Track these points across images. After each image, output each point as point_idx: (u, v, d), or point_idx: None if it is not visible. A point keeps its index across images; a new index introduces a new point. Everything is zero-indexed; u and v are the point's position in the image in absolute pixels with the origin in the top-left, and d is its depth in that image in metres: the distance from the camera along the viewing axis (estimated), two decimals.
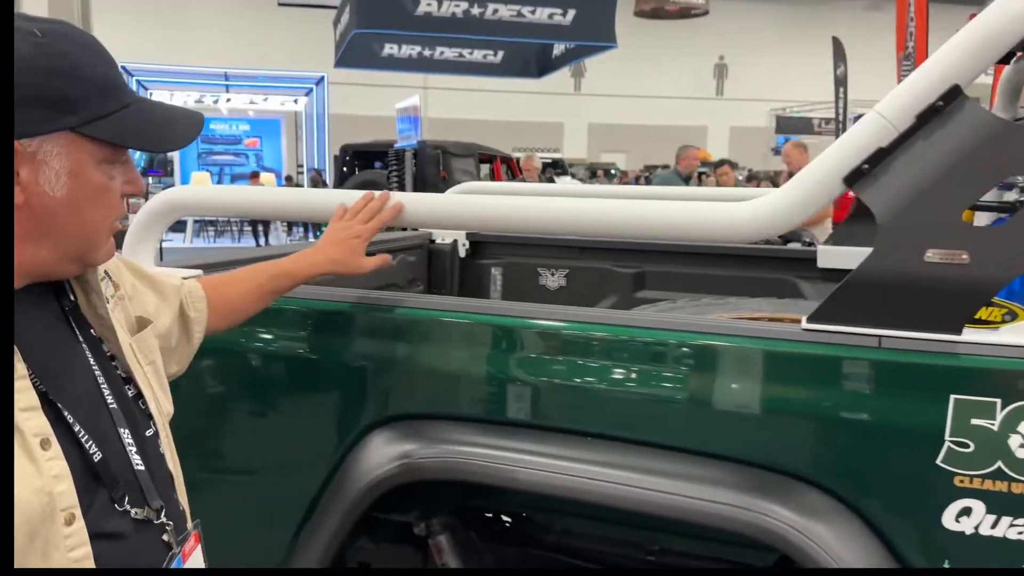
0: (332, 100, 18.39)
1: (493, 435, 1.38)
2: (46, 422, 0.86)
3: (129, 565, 0.91)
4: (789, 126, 22.53)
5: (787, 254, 2.57)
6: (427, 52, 12.90)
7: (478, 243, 2.96)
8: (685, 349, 1.29)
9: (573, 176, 18.45)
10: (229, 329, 1.39)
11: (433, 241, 2.95)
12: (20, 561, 0.82)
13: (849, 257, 2.33)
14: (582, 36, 10.59)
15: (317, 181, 16.10)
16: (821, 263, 2.42)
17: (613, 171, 20.77)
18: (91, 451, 0.89)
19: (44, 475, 0.84)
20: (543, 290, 2.83)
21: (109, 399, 0.96)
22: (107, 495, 0.90)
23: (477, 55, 13.01)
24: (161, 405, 1.08)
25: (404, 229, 2.98)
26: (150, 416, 1.02)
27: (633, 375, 1.31)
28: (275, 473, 1.57)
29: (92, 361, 0.97)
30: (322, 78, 17.27)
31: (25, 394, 0.86)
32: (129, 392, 1.01)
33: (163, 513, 0.97)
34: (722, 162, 8.93)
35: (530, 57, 13.14)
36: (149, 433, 1.01)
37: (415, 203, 1.53)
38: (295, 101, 18.59)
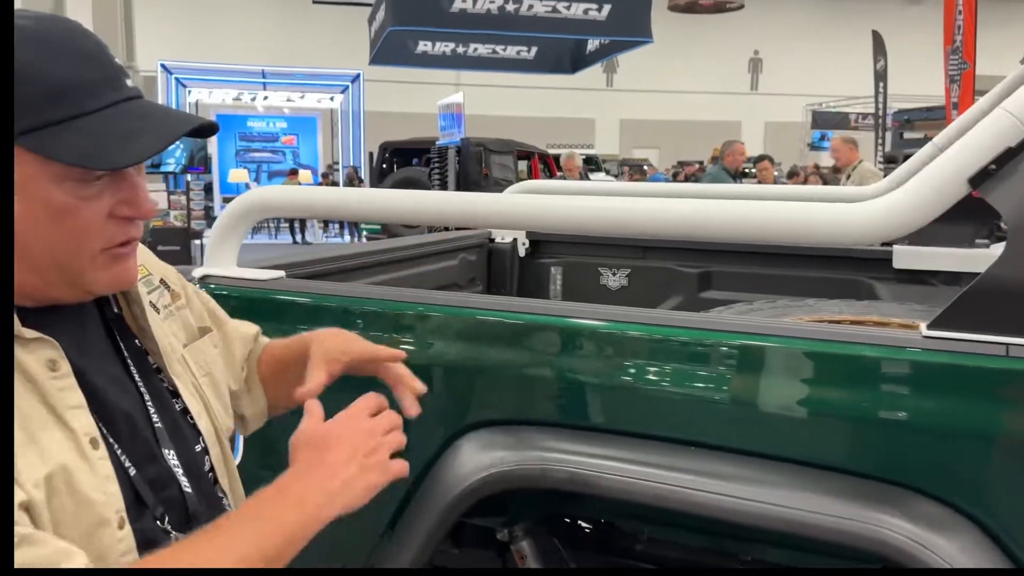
0: (366, 97, 18.48)
1: (587, 442, 1.35)
2: (93, 422, 0.83)
3: None
4: (825, 121, 22.23)
5: (860, 254, 2.50)
6: (460, 49, 12.90)
7: (537, 242, 2.93)
8: (796, 355, 1.25)
9: (607, 172, 18.35)
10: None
11: (492, 240, 2.93)
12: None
13: (928, 258, 2.26)
14: (617, 31, 10.51)
15: (352, 178, 16.18)
16: (897, 264, 2.35)
17: (645, 167, 20.62)
18: (126, 465, 0.85)
19: (98, 474, 0.81)
20: (604, 290, 2.79)
21: (155, 418, 0.91)
22: (150, 512, 0.86)
23: (511, 51, 12.98)
24: (217, 419, 1.02)
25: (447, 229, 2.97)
26: (199, 432, 0.97)
27: (736, 382, 1.27)
28: None
29: (137, 375, 0.92)
30: (358, 75, 17.34)
31: (72, 392, 0.82)
32: (176, 406, 0.96)
33: None
34: (761, 157, 8.79)
35: (564, 53, 13.08)
36: (198, 448, 0.96)
37: (518, 205, 1.50)
38: (331, 99, 18.69)
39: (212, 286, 1.59)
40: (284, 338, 1.25)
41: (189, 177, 11.38)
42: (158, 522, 0.86)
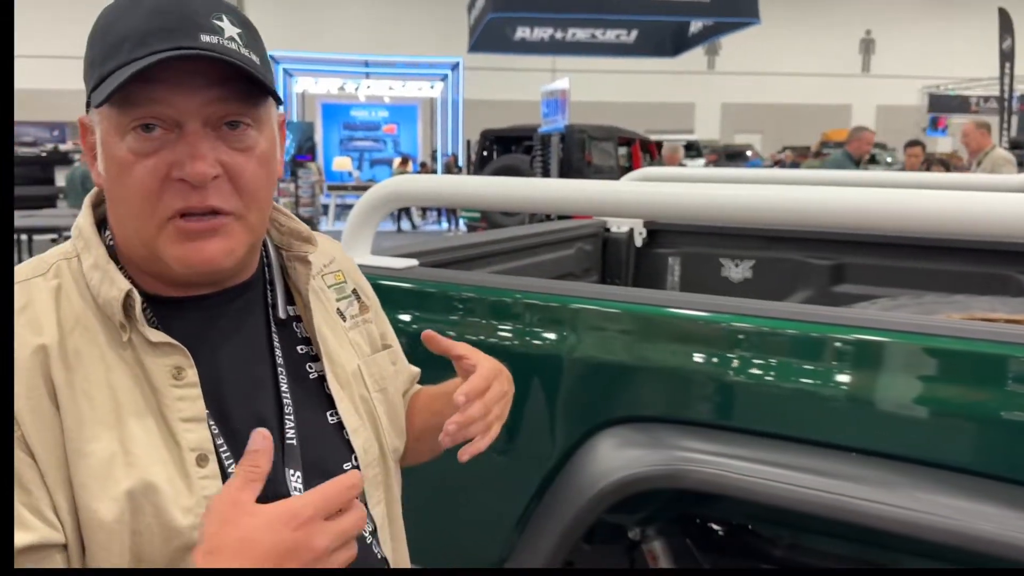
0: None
1: (727, 443, 1.30)
2: (208, 436, 0.79)
3: None
4: (943, 104, 21.04)
5: (1009, 247, 2.33)
6: (559, 34, 12.82)
7: (655, 231, 2.86)
8: (967, 357, 1.16)
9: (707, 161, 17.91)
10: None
11: (608, 230, 2.88)
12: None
13: None
14: (724, 12, 10.22)
15: (451, 167, 16.34)
16: None
17: (748, 152, 20.03)
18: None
19: (195, 494, 0.76)
20: (725, 282, 2.70)
21: (289, 433, 0.84)
22: None
23: (610, 35, 12.81)
24: (385, 437, 0.95)
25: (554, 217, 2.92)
26: (351, 449, 0.89)
27: (903, 386, 1.19)
28: (491, 471, 1.54)
29: (285, 384, 0.86)
30: (457, 63, 17.48)
31: (191, 403, 0.79)
32: (331, 418, 0.89)
33: None
34: (914, 143, 8.32)
35: (665, 35, 12.82)
36: (346, 467, 0.88)
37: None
38: (431, 87, 18.92)
39: None
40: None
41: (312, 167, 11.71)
42: None
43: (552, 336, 1.47)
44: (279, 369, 0.86)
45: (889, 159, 16.82)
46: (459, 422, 0.87)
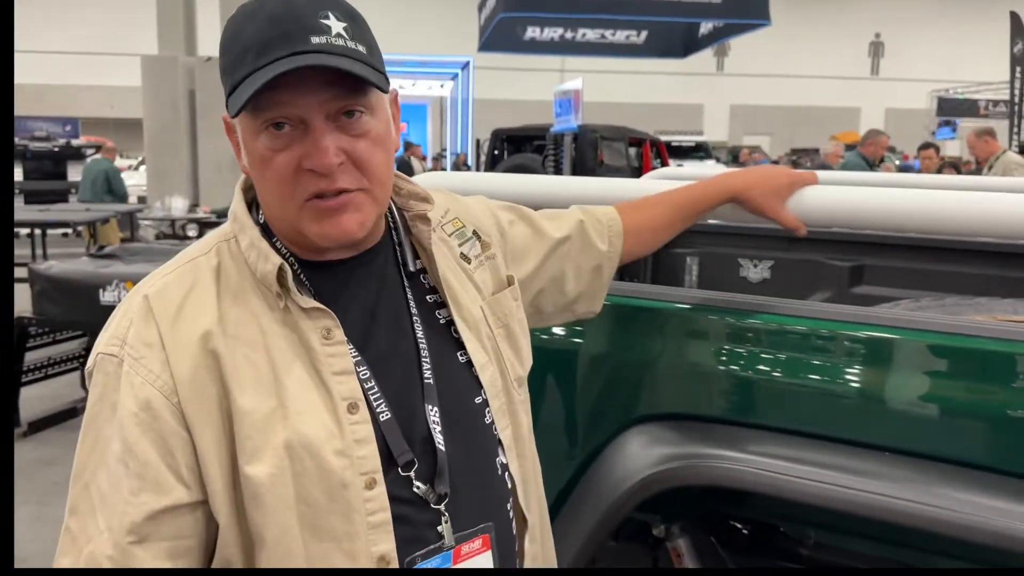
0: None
1: (757, 442, 1.30)
2: (358, 386, 0.89)
3: (412, 540, 0.89)
4: (952, 108, 20.99)
5: None
6: (569, 34, 12.82)
7: None
8: (1000, 357, 1.16)
9: (717, 160, 17.89)
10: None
11: None
12: (322, 519, 0.86)
13: None
14: (734, 13, 10.22)
15: (460, 165, 16.34)
16: None
17: (755, 154, 19.96)
18: (381, 415, 0.90)
19: (346, 438, 0.87)
20: (744, 282, 2.70)
21: (427, 374, 0.95)
22: (396, 468, 0.89)
23: (620, 36, 12.80)
24: (508, 370, 1.04)
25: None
26: (480, 384, 0.99)
27: (937, 385, 1.19)
28: None
29: (420, 331, 0.96)
30: (467, 63, 17.48)
31: (340, 359, 0.89)
32: (460, 358, 0.99)
33: (445, 502, 0.91)
34: (927, 146, 8.31)
35: (675, 37, 12.81)
36: (477, 401, 0.99)
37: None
38: (441, 86, 18.91)
39: None
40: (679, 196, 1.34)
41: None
42: (402, 471, 0.89)
43: (582, 332, 1.48)
44: (414, 318, 0.97)
45: (898, 161, 16.76)
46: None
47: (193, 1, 11.43)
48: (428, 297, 1.00)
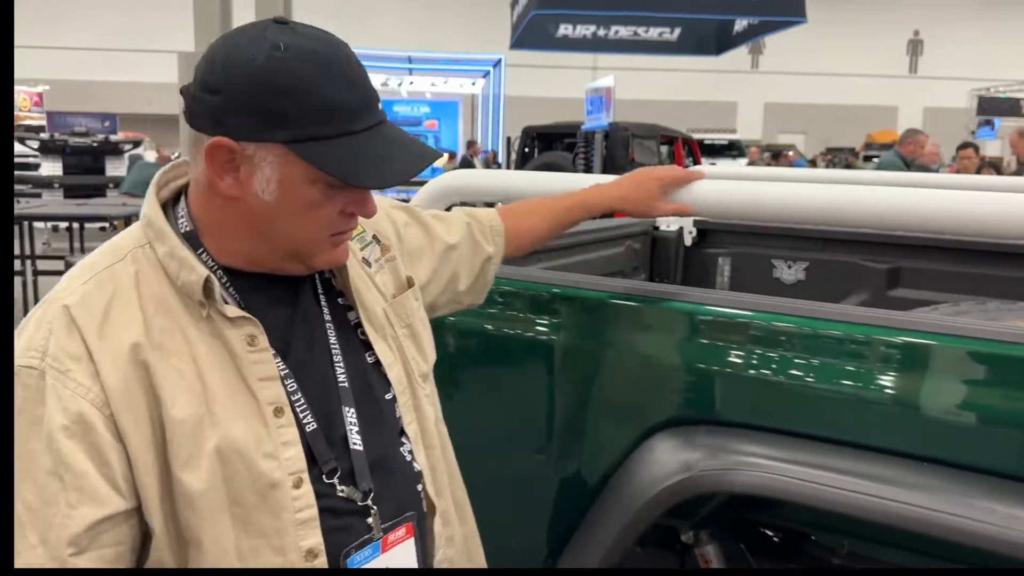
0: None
1: (791, 448, 1.27)
2: (282, 391, 0.94)
3: (340, 538, 0.95)
4: (993, 107, 20.51)
5: None
6: (601, 32, 12.71)
7: (705, 231, 2.82)
8: None
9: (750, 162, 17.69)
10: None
11: (657, 228, 2.85)
12: (253, 517, 0.90)
13: None
14: (770, 11, 10.06)
15: (490, 163, 16.34)
16: None
17: (790, 153, 19.72)
18: (306, 424, 0.95)
19: (274, 441, 0.92)
20: (777, 284, 2.66)
21: (341, 378, 1.00)
22: (318, 470, 0.95)
23: (653, 33, 12.67)
24: (413, 367, 1.10)
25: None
26: (389, 382, 1.05)
27: (987, 394, 1.16)
28: (546, 471, 1.53)
29: (333, 336, 1.02)
30: (499, 60, 17.46)
31: (265, 365, 0.93)
32: (369, 359, 1.05)
33: (371, 497, 0.97)
34: (966, 145, 8.12)
35: (709, 34, 12.65)
36: (388, 397, 1.05)
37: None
38: (472, 83, 18.92)
39: None
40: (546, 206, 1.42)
41: None
42: (326, 478, 0.95)
43: (609, 336, 1.46)
44: (327, 324, 1.02)
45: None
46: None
47: (291, 3, 11.57)
48: (340, 299, 1.06)
